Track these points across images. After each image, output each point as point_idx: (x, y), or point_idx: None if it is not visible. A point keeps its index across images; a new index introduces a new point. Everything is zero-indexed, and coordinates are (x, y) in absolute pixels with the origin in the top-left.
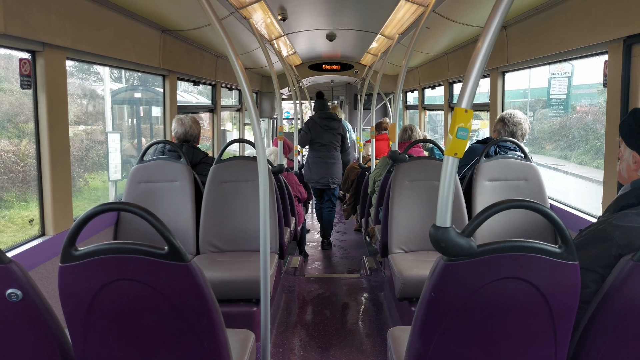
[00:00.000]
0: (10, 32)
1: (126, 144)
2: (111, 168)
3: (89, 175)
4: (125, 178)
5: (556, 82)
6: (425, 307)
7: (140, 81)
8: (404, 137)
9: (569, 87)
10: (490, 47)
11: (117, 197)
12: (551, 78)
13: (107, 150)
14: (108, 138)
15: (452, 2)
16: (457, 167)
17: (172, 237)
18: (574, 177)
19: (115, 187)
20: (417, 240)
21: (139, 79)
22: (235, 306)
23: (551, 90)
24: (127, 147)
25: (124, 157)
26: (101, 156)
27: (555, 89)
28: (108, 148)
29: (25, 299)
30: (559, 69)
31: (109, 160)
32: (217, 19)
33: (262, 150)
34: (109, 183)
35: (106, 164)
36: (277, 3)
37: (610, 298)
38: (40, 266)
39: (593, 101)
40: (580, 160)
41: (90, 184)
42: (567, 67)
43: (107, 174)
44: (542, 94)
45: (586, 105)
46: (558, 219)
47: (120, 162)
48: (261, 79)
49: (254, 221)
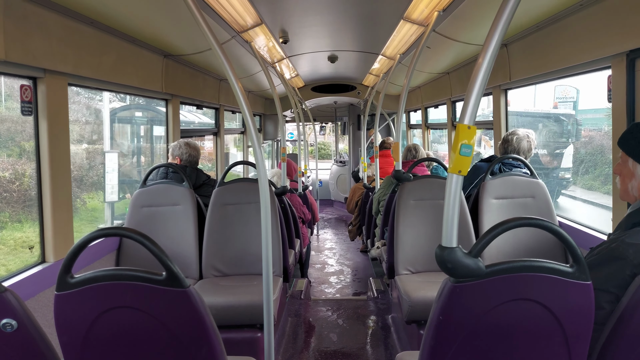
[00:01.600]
0: (11, 58)
1: (126, 163)
2: (108, 189)
3: (87, 196)
4: (122, 199)
5: (561, 107)
6: (434, 330)
7: (142, 100)
8: (408, 157)
9: (575, 111)
10: (490, 63)
11: (115, 219)
12: (559, 103)
13: (104, 170)
14: (105, 158)
15: (452, 22)
16: (461, 185)
17: (170, 263)
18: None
19: (112, 209)
20: (424, 260)
21: (140, 97)
22: (239, 332)
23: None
24: (127, 167)
25: (122, 178)
26: (100, 175)
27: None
28: (105, 168)
29: (21, 329)
30: (564, 94)
31: (105, 181)
32: (217, 43)
33: (264, 171)
34: (105, 205)
35: (103, 184)
36: (278, 26)
37: (626, 319)
38: (40, 294)
39: (598, 125)
40: (589, 185)
41: (87, 204)
42: (572, 92)
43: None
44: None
45: (592, 129)
46: (568, 237)
47: (117, 183)
48: (264, 102)
49: (257, 244)
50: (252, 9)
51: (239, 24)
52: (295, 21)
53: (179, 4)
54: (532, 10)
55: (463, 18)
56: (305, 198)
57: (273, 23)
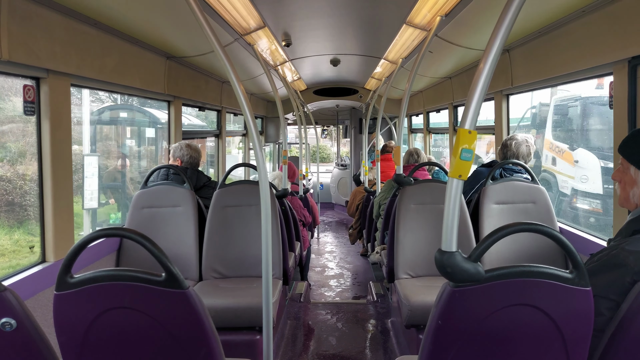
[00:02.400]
0: (14, 59)
1: (110, 166)
2: (87, 195)
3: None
4: (105, 205)
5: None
6: (433, 335)
7: (134, 100)
8: (409, 161)
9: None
10: (492, 69)
11: (98, 226)
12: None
13: (83, 174)
14: (85, 161)
15: (454, 27)
16: (462, 189)
17: (169, 264)
18: None
19: (94, 216)
20: (424, 265)
21: (124, 98)
22: (239, 334)
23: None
24: (110, 171)
25: (105, 183)
26: (82, 179)
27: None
28: (84, 172)
29: (20, 328)
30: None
31: (84, 186)
32: (220, 45)
33: (264, 174)
34: (83, 212)
35: (82, 190)
36: (281, 29)
37: (626, 326)
38: (40, 293)
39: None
40: None
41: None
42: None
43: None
44: None
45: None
46: (568, 243)
47: (97, 189)
48: (266, 104)
49: (257, 246)
50: (255, 12)
51: (241, 27)
52: (298, 24)
53: (182, 6)
54: (534, 16)
55: (465, 23)
56: (306, 201)
57: (276, 26)
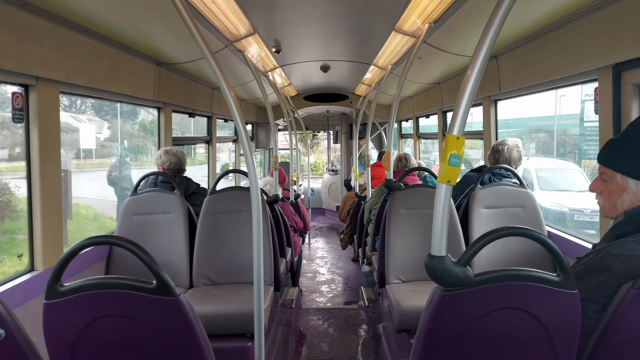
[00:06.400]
0: (2, 66)
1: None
2: None
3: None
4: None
5: None
6: (423, 339)
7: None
8: (399, 166)
9: None
10: (479, 75)
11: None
12: None
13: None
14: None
15: (442, 33)
16: (450, 194)
17: (160, 271)
18: None
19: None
20: (415, 269)
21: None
22: (230, 341)
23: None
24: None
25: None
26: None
27: None
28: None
29: (8, 337)
30: None
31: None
32: (210, 52)
33: (255, 180)
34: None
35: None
36: (272, 36)
37: (612, 328)
38: (28, 302)
39: None
40: None
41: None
42: None
43: None
44: None
45: None
46: (555, 247)
47: None
48: (257, 110)
49: (248, 252)
50: (245, 19)
51: (232, 34)
52: (288, 31)
53: (172, 13)
54: (521, 23)
55: (453, 30)
56: (297, 206)
57: (266, 33)
